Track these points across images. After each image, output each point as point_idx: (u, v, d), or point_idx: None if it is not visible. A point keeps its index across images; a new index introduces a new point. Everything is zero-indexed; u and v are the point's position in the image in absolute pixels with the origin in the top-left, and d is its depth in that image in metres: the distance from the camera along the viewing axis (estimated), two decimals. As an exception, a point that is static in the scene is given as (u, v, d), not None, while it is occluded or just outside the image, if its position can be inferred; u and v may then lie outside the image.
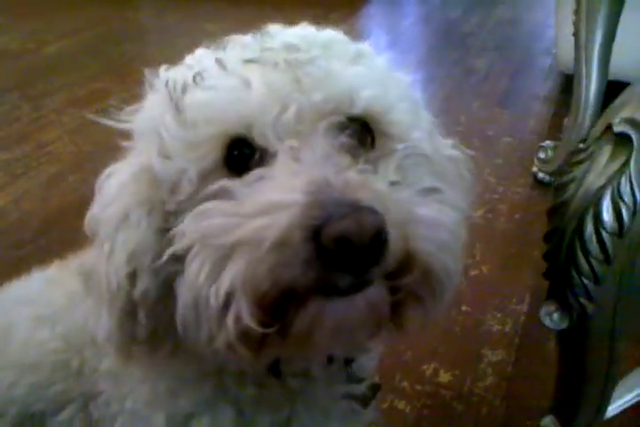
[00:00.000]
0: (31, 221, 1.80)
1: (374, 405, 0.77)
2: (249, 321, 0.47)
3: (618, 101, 0.74)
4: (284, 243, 0.45)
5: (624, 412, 1.07)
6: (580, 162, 0.74)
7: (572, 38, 1.64)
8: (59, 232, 1.68)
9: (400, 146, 0.57)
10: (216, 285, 0.48)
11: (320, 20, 2.93)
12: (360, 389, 0.73)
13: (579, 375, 0.89)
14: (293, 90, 0.53)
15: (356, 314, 0.49)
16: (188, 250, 0.51)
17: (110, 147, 0.60)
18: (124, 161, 0.60)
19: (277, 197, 0.48)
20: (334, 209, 0.45)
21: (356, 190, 0.47)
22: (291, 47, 0.56)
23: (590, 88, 1.64)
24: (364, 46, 0.62)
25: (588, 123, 1.66)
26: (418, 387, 1.31)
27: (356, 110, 0.55)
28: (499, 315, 1.48)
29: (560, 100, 2.34)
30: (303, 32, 0.61)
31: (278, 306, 0.48)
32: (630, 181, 0.69)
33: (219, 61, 0.57)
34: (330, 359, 0.67)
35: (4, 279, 0.90)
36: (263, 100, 0.53)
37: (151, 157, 0.56)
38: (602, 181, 0.71)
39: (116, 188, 0.57)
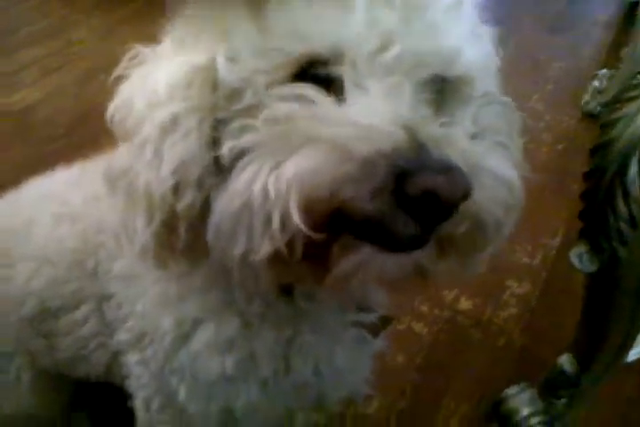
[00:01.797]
0: (62, 117, 1.78)
1: (384, 335, 0.77)
2: (298, 221, 0.44)
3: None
4: (369, 163, 0.43)
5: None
6: (633, 99, 0.68)
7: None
8: (89, 130, 1.63)
9: (477, 93, 0.56)
10: (275, 176, 0.45)
11: None
12: (370, 318, 0.72)
13: (603, 318, 0.87)
14: (402, 31, 0.50)
15: (401, 272, 0.49)
16: (242, 154, 0.49)
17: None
18: (167, 53, 0.55)
19: (379, 120, 0.46)
20: (428, 161, 0.44)
21: (445, 146, 0.45)
22: None
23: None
24: None
25: (649, 53, 1.55)
26: (437, 311, 1.31)
27: (454, 72, 0.53)
28: (529, 247, 1.46)
29: (622, 26, 2.19)
30: None
31: (326, 230, 0.46)
32: (684, 124, 0.64)
33: None
34: None
35: (33, 174, 0.89)
36: (365, 29, 0.49)
37: (216, 56, 0.52)
38: (654, 122, 0.66)
39: (164, 88, 0.53)
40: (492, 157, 0.51)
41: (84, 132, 1.65)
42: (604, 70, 1.85)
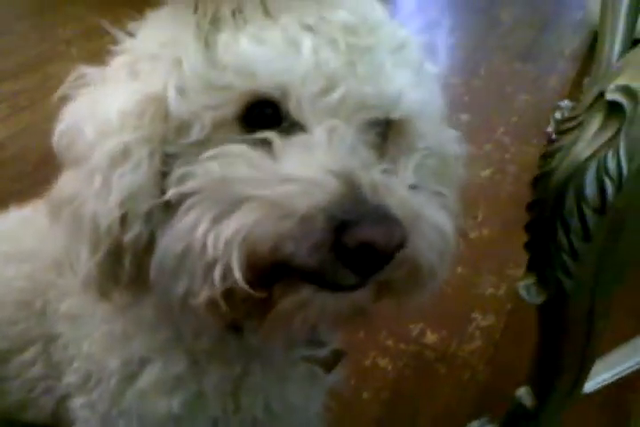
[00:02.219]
0: (30, 154, 1.77)
1: (338, 370, 0.76)
2: (238, 277, 0.46)
3: (614, 68, 0.68)
4: (307, 219, 0.45)
5: (607, 387, 1.05)
6: (569, 130, 0.68)
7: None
8: (56, 167, 1.63)
9: (420, 144, 0.57)
10: (216, 231, 0.46)
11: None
12: (321, 352, 0.71)
13: (556, 350, 0.86)
14: (346, 73, 0.51)
15: (341, 309, 0.50)
16: (186, 196, 0.49)
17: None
18: (117, 77, 0.55)
19: (314, 173, 0.47)
20: (365, 211, 0.45)
21: (384, 195, 0.47)
22: (348, 27, 0.53)
23: (614, 46, 1.54)
24: (407, 34, 0.58)
25: (608, 84, 1.57)
26: (402, 346, 1.30)
27: (397, 115, 0.55)
28: (493, 278, 1.46)
29: (587, 58, 2.23)
30: (357, 6, 0.56)
31: (267, 278, 0.47)
32: (618, 154, 0.64)
33: (264, 6, 0.53)
34: None
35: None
36: (311, 70, 0.50)
37: (166, 88, 0.52)
38: (588, 153, 0.66)
39: (116, 116, 0.52)
40: (428, 206, 0.52)
41: (52, 170, 1.63)
42: (566, 101, 1.87)
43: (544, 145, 1.85)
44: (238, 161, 0.49)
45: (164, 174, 0.52)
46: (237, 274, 0.45)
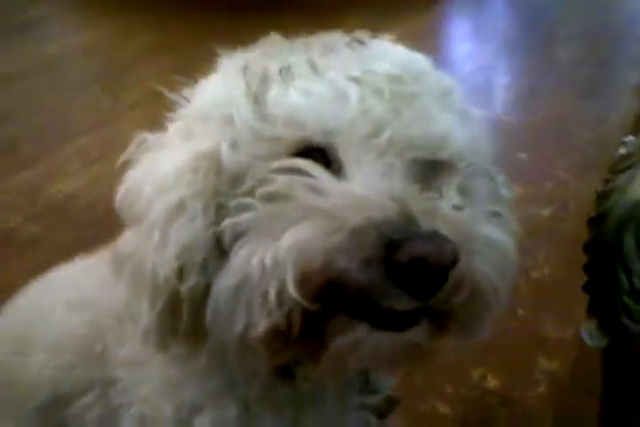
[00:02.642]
0: (100, 205, 1.83)
1: (392, 418, 0.74)
2: (292, 292, 0.46)
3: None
4: (359, 233, 0.45)
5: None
6: (624, 169, 0.67)
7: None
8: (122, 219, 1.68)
9: (461, 164, 0.57)
10: (271, 253, 0.47)
11: (403, 7, 2.87)
12: (375, 399, 0.70)
13: (624, 394, 0.82)
14: (392, 117, 0.53)
15: (397, 351, 0.50)
16: (241, 234, 0.51)
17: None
18: (174, 141, 0.58)
19: (369, 193, 0.48)
20: (416, 231, 0.46)
21: (433, 217, 0.47)
22: (392, 77, 0.55)
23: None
24: (450, 81, 0.61)
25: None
26: (463, 391, 1.26)
27: (443, 155, 0.55)
28: (558, 321, 1.40)
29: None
30: (400, 58, 0.59)
31: (321, 300, 0.47)
32: (675, 193, 0.62)
33: (312, 63, 0.56)
34: None
35: (66, 259, 0.92)
36: (358, 116, 0.52)
37: (219, 144, 0.55)
38: (645, 192, 0.64)
39: (172, 173, 0.55)
40: (483, 225, 0.52)
41: (118, 220, 1.68)
42: (631, 137, 1.82)
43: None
44: (303, 176, 0.50)
45: (218, 225, 0.54)
46: (291, 289, 0.46)
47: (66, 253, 0.92)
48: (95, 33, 3.00)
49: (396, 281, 0.45)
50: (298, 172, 0.51)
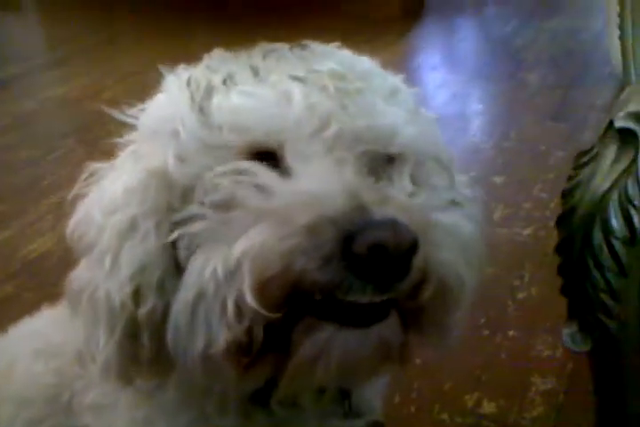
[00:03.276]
0: (73, 262, 1.81)
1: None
2: (250, 300, 0.44)
3: (621, 98, 0.66)
4: (315, 230, 0.44)
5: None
6: (585, 164, 0.66)
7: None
8: None
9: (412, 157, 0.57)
10: (224, 262, 0.45)
11: (374, 37, 2.92)
12: (358, 424, 0.66)
13: (618, 399, 0.79)
14: (338, 112, 0.52)
15: (367, 349, 0.48)
16: (196, 247, 0.49)
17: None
18: (124, 165, 0.57)
19: (319, 188, 0.47)
20: (371, 220, 0.44)
21: (387, 205, 0.46)
22: (337, 74, 0.55)
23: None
24: (398, 81, 0.61)
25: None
26: (459, 419, 1.22)
27: (393, 149, 0.55)
28: (549, 339, 1.37)
29: (618, 109, 2.20)
30: (345, 59, 0.59)
31: (282, 308, 0.45)
32: (638, 182, 0.61)
33: (254, 69, 0.55)
34: (321, 390, 0.61)
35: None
36: (303, 116, 0.51)
37: (166, 159, 0.53)
38: (607, 184, 0.63)
39: (121, 194, 0.53)
40: (442, 212, 0.51)
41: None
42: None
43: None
44: (246, 178, 0.49)
45: (174, 244, 0.52)
46: (249, 298, 0.44)
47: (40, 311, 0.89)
48: (68, 87, 3.01)
49: (357, 274, 0.44)
50: (244, 175, 0.50)
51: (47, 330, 0.81)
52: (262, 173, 0.49)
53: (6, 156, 2.45)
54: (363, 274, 0.44)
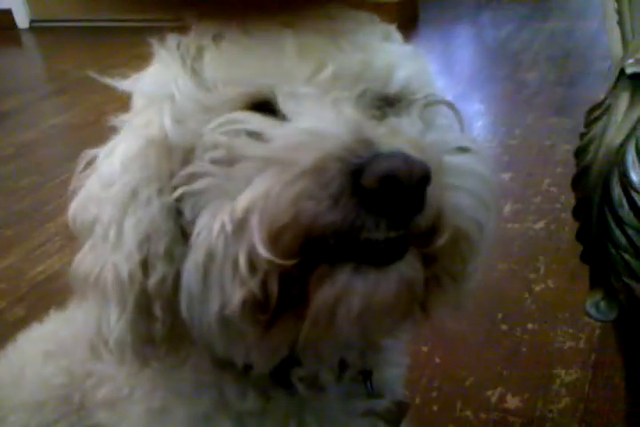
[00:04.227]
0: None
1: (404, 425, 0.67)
2: (264, 252, 0.41)
3: (629, 50, 0.64)
4: (320, 170, 0.41)
5: None
6: (597, 119, 0.63)
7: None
8: None
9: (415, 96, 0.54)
10: (231, 216, 0.42)
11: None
12: (383, 405, 0.64)
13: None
14: (333, 51, 0.50)
15: (388, 290, 0.44)
16: (202, 208, 0.46)
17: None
18: (121, 137, 0.54)
19: (318, 126, 0.44)
20: (378, 151, 0.41)
21: (395, 140, 0.43)
22: (330, 17, 0.53)
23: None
24: (392, 28, 0.58)
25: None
26: (483, 415, 1.17)
27: (394, 87, 0.53)
28: (570, 330, 1.33)
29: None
30: (333, 9, 0.57)
31: (296, 258, 0.42)
32: (655, 129, 0.58)
33: (243, 27, 0.53)
34: (342, 365, 0.59)
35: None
36: (296, 59, 0.49)
37: (164, 123, 0.50)
38: (623, 135, 0.60)
39: (119, 164, 0.51)
40: (456, 155, 0.48)
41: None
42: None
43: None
44: (240, 126, 0.47)
45: (179, 211, 0.49)
46: (261, 249, 0.41)
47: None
48: (69, 115, 3.03)
49: (369, 209, 0.41)
50: (238, 124, 0.47)
51: (56, 331, 0.80)
52: (255, 120, 0.47)
53: (10, 183, 2.46)
54: (375, 208, 0.41)
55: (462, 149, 0.50)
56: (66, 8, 4.29)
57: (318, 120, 0.46)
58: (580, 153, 0.65)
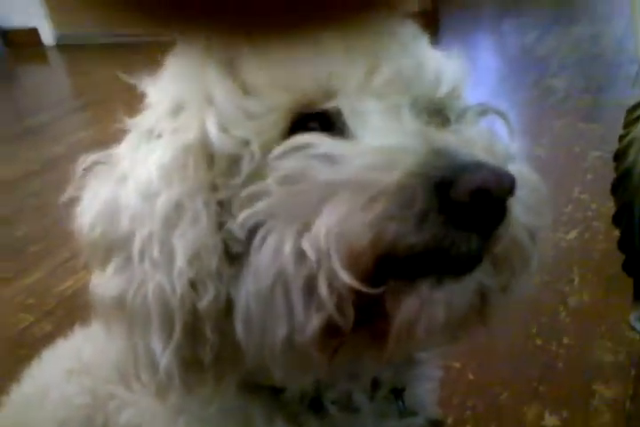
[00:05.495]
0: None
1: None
2: (345, 277, 0.39)
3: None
4: (401, 189, 0.39)
5: None
6: (637, 119, 0.59)
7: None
8: None
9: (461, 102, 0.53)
10: (307, 240, 0.41)
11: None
12: (417, 423, 0.61)
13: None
14: (383, 53, 0.48)
15: (470, 296, 0.44)
16: (257, 227, 0.44)
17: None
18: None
19: (389, 142, 0.43)
20: (461, 162, 0.40)
21: (472, 149, 0.42)
22: (369, 20, 0.50)
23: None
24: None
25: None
26: (520, 435, 1.13)
27: (442, 91, 0.51)
28: (609, 344, 1.28)
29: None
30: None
31: (373, 281, 0.41)
32: (702, 128, 0.54)
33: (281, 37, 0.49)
34: (375, 384, 0.57)
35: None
36: (345, 60, 0.46)
37: (206, 129, 0.47)
38: (667, 135, 0.56)
39: (157, 174, 0.46)
40: (512, 163, 0.46)
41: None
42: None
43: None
44: (311, 151, 0.44)
45: (221, 227, 0.46)
46: (344, 276, 0.39)
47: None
48: (93, 131, 3.05)
49: (459, 224, 0.39)
50: (305, 148, 0.44)
51: (79, 348, 0.78)
52: (323, 141, 0.44)
53: (36, 200, 2.48)
54: (465, 223, 0.39)
55: (513, 155, 0.48)
56: (91, 25, 4.35)
57: (385, 133, 0.44)
58: (619, 156, 0.61)
